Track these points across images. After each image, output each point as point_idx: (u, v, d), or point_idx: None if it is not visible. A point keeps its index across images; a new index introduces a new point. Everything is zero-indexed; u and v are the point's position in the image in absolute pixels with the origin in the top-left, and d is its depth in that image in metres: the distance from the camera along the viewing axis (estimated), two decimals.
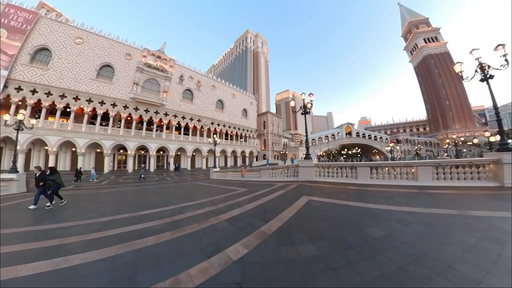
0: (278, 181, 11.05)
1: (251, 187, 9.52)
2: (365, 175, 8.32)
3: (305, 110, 10.77)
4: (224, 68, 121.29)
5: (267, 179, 12.42)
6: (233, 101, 47.89)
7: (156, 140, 32.29)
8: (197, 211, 5.21)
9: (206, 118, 40.00)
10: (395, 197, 5.56)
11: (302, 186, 8.31)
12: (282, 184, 9.12)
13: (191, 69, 39.39)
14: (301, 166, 10.37)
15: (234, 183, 12.79)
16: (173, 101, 35.01)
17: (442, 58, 74.54)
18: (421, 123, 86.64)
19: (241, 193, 7.92)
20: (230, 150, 44.49)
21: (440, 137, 65.89)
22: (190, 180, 19.46)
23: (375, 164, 8.33)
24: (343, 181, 8.77)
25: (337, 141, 64.44)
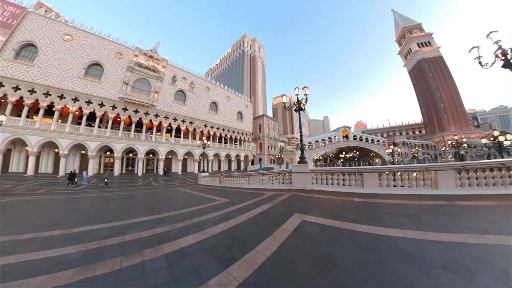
0: (268, 189, 9.70)
1: (235, 196, 8.27)
2: (373, 182, 6.81)
3: (299, 106, 9.46)
4: (221, 72, 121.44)
5: (256, 186, 11.00)
6: (227, 103, 47.04)
7: (145, 142, 31.00)
8: (143, 233, 4.00)
9: (199, 120, 38.86)
10: (421, 213, 4.10)
11: (295, 197, 6.93)
12: (272, 194, 7.80)
13: (184, 70, 38.56)
14: (294, 172, 8.95)
15: (217, 189, 11.86)
16: (164, 102, 33.96)
17: (436, 62, 75.56)
18: (417, 126, 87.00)
19: (217, 205, 6.63)
20: (224, 154, 43.27)
21: (437, 140, 65.91)
22: (176, 185, 18.35)
23: (384, 169, 6.84)
24: (345, 190, 7.27)
25: (334, 144, 63.87)
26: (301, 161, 8.95)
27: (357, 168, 7.30)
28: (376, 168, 7.06)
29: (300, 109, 9.57)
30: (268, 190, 9.05)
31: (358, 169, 7.24)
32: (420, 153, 60.61)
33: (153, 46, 35.18)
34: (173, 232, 3.97)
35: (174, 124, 34.80)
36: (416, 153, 56.96)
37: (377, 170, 6.92)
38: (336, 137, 67.04)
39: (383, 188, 6.69)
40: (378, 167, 7.08)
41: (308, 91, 9.38)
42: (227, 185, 13.43)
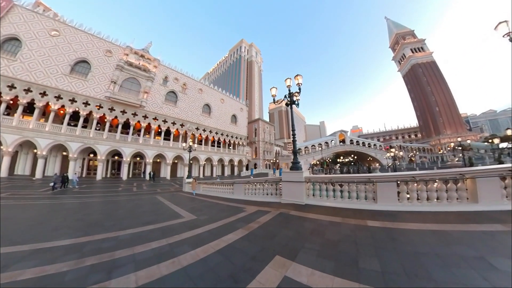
0: (253, 201, 7.94)
1: (207, 212, 6.63)
2: (390, 195, 5.12)
3: (290, 99, 7.78)
4: (218, 76, 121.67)
5: (240, 196, 9.18)
6: (221, 106, 46.05)
7: (132, 144, 29.50)
8: (27, 271, 2.66)
9: (191, 123, 37.56)
10: (484, 252, 2.55)
11: (284, 217, 5.05)
12: (254, 210, 6.07)
13: (177, 70, 37.66)
14: (285, 181, 7.03)
15: (195, 200, 10.28)
16: (154, 103, 32.79)
17: (429, 67, 76.67)
18: (413, 130, 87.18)
19: (175, 226, 4.96)
20: (216, 158, 41.76)
21: (433, 143, 65.73)
22: (157, 192, 16.90)
23: (405, 177, 5.12)
24: (353, 205, 5.51)
25: (331, 149, 63.05)
26: (294, 167, 6.98)
27: (369, 176, 5.44)
28: (394, 176, 5.24)
29: (292, 102, 7.83)
30: (252, 204, 7.33)
31: (370, 177, 5.38)
32: (417, 157, 59.99)
33: (145, 46, 34.37)
34: (64, 277, 2.55)
35: (164, 126, 33.48)
36: (413, 156, 56.32)
37: (395, 178, 5.19)
38: (332, 141, 66.37)
39: (403, 202, 5.03)
40: (396, 175, 5.27)
41: (301, 80, 7.68)
42: (210, 194, 12.00)
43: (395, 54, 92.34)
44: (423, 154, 64.54)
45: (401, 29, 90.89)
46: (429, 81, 73.29)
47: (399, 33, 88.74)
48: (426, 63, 76.94)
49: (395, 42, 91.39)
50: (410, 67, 79.98)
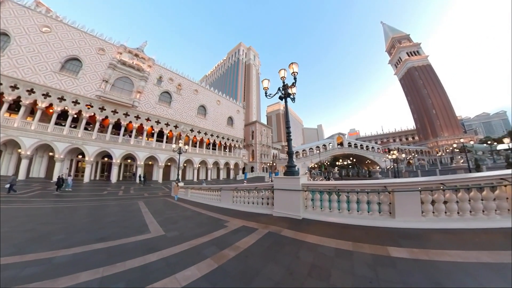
0: (242, 212, 6.76)
1: (182, 226, 5.47)
2: (412, 208, 3.97)
3: (285, 92, 6.57)
4: (216, 79, 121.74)
5: (227, 205, 7.97)
6: (217, 107, 45.33)
7: (122, 145, 28.40)
8: None
9: (185, 124, 36.64)
10: None
11: (272, 240, 3.75)
12: (238, 226, 4.90)
13: (172, 70, 37.01)
14: (277, 189, 5.79)
15: (177, 207, 9.19)
16: (147, 103, 31.95)
17: (425, 70, 77.28)
18: (410, 133, 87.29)
19: (128, 246, 3.86)
20: (211, 161, 40.70)
21: (430, 145, 65.60)
22: (143, 197, 15.92)
23: (431, 184, 4.14)
24: (364, 222, 4.28)
25: (329, 151, 62.34)
26: (289, 172, 5.80)
27: (384, 183, 4.28)
28: (416, 182, 4.15)
29: (286, 95, 6.58)
30: (239, 215, 6.19)
31: (386, 185, 4.21)
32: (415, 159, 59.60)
33: (140, 45, 33.75)
34: None
35: (157, 127, 32.53)
36: (411, 159, 55.89)
37: (417, 185, 4.07)
38: (330, 144, 65.76)
39: (428, 216, 3.87)
40: (419, 181, 4.19)
41: (297, 68, 6.41)
42: (198, 200, 11.01)
43: (391, 57, 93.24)
44: (421, 157, 64.24)
45: (396, 33, 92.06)
46: (425, 84, 73.75)
47: (395, 37, 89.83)
48: (422, 66, 77.61)
49: (391, 46, 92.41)
50: (406, 70, 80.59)
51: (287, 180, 5.68)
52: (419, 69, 77.18)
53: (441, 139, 62.98)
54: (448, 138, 61.76)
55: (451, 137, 62.24)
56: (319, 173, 60.55)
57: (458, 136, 62.51)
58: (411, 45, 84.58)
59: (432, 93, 71.10)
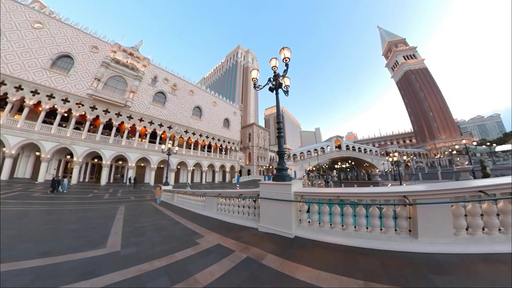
0: (225, 222, 5.87)
1: (146, 239, 4.64)
2: (440, 225, 2.93)
3: (276, 82, 5.54)
4: (214, 81, 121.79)
5: (211, 214, 6.97)
6: (213, 109, 44.71)
7: (113, 146, 27.47)
8: None
9: (179, 125, 35.81)
10: None
11: (248, 274, 2.70)
12: (211, 245, 3.94)
13: (167, 70, 36.50)
14: (263, 197, 4.69)
15: (156, 214, 8.45)
16: (140, 103, 31.23)
17: (422, 73, 77.81)
18: (407, 135, 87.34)
19: (53, 269, 2.94)
20: (206, 164, 39.79)
21: (428, 148, 65.45)
22: (130, 200, 15.08)
23: (465, 192, 2.99)
24: (377, 244, 3.21)
25: (327, 154, 61.88)
26: (279, 176, 4.73)
27: (403, 191, 3.23)
28: (447, 190, 3.00)
29: (278, 86, 5.55)
30: (219, 228, 5.23)
31: (406, 193, 3.17)
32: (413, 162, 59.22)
33: (135, 44, 33.30)
34: None
35: (150, 128, 31.70)
36: (409, 162, 55.49)
37: (448, 194, 2.99)
38: (328, 147, 65.39)
39: (460, 235, 2.91)
40: (452, 189, 3.03)
41: (288, 53, 5.40)
42: (182, 205, 10.22)
43: (388, 61, 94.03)
44: (419, 159, 63.94)
45: (393, 37, 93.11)
46: (422, 87, 74.10)
47: (392, 41, 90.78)
48: (418, 69, 78.16)
49: (388, 50, 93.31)
50: (403, 74, 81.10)
51: (276, 187, 4.50)
52: (416, 72, 77.70)
53: (438, 142, 62.88)
54: (445, 141, 61.68)
55: (448, 139, 62.18)
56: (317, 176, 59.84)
57: (455, 138, 62.47)
58: (407, 48, 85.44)
59: (429, 95, 71.40)
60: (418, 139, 77.02)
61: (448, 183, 3.60)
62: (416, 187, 3.52)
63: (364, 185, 25.02)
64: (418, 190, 3.20)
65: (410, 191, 3.21)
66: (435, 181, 24.43)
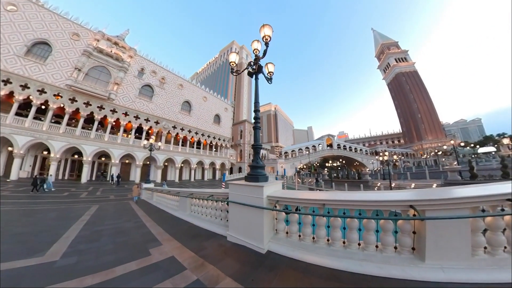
0: (196, 226, 5.22)
1: (96, 246, 4.01)
2: (454, 244, 2.20)
3: (256, 65, 4.84)
4: (207, 76, 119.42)
5: (184, 216, 6.28)
6: (203, 104, 43.49)
7: (95, 142, 25.96)
8: None
9: (167, 121, 34.47)
10: None
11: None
12: (166, 257, 3.37)
13: (155, 63, 34.91)
14: (232, 201, 3.95)
15: (125, 215, 7.71)
16: (125, 96, 29.69)
17: (412, 76, 79.58)
18: (396, 136, 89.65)
19: None
20: (195, 161, 38.75)
21: (415, 148, 67.47)
22: (108, 199, 14.17)
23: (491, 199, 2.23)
24: (370, 269, 2.44)
25: (318, 153, 62.36)
26: (251, 176, 3.94)
27: (409, 200, 2.44)
28: (463, 198, 2.21)
29: (258, 70, 4.89)
30: (182, 236, 4.53)
31: (413, 203, 2.36)
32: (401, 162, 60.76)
33: (121, 33, 31.47)
34: None
35: (135, 123, 30.27)
36: (397, 161, 56.81)
37: (463, 201, 2.21)
38: (320, 145, 65.91)
39: (478, 256, 2.25)
40: (469, 196, 2.23)
41: (269, 31, 4.62)
42: (159, 205, 9.53)
43: (380, 63, 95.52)
44: (406, 159, 65.75)
45: (386, 40, 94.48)
46: (412, 89, 75.93)
47: (385, 43, 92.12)
48: (409, 72, 79.92)
49: (381, 52, 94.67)
50: (394, 76, 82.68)
51: (246, 189, 3.75)
52: (406, 74, 79.41)
53: (425, 142, 64.91)
54: (431, 142, 63.73)
55: (434, 141, 64.28)
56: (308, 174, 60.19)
57: (441, 139, 64.68)
58: (399, 51, 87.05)
59: (418, 98, 73.29)
60: (406, 140, 79.18)
61: (464, 189, 2.68)
62: (425, 193, 2.74)
63: (355, 184, 25.08)
64: (429, 198, 2.33)
65: (419, 199, 2.38)
66: (423, 180, 24.80)
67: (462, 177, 19.74)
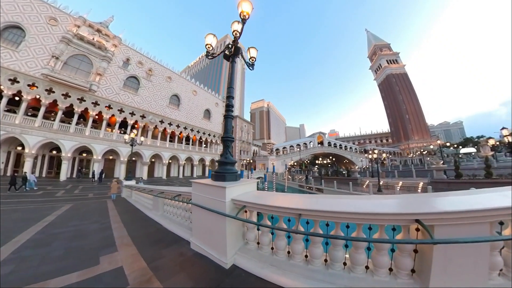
0: (165, 229, 4.74)
1: (42, 253, 3.49)
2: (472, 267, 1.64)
3: (234, 47, 4.23)
4: (199, 70, 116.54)
5: (156, 216, 5.82)
6: (193, 98, 42.15)
7: (75, 136, 24.37)
8: None
9: (154, 115, 33.01)
10: None
11: None
12: (114, 267, 2.87)
13: (142, 53, 33.15)
14: (195, 203, 3.30)
15: (97, 215, 7.14)
16: (109, 88, 28.06)
17: (402, 78, 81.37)
18: (384, 135, 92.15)
19: None
20: (184, 157, 37.59)
21: (402, 147, 69.74)
22: (86, 197, 13.39)
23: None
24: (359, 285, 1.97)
25: (309, 150, 62.89)
26: (218, 173, 3.28)
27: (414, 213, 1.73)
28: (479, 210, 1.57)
29: (235, 52, 4.28)
30: (145, 241, 4.11)
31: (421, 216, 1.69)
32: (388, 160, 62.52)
33: (105, 19, 29.51)
34: None
35: (120, 117, 28.72)
36: (385, 160, 58.38)
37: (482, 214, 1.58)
38: (311, 143, 66.41)
39: (495, 279, 1.78)
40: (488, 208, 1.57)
41: (248, 7, 3.89)
42: (136, 205, 8.88)
43: (372, 64, 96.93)
44: (393, 158, 67.79)
45: (379, 41, 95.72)
46: (401, 90, 77.78)
47: (377, 44, 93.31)
48: (399, 74, 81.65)
49: (373, 53, 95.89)
50: (385, 77, 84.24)
51: (208, 189, 3.16)
52: (397, 76, 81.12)
53: (412, 142, 67.17)
54: (418, 142, 66.05)
55: (420, 141, 66.62)
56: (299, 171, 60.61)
57: (426, 140, 67.16)
58: (391, 53, 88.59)
59: (407, 99, 75.25)
60: (394, 139, 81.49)
61: (480, 196, 2.12)
62: (432, 201, 2.05)
63: (344, 181, 25.29)
64: (441, 210, 1.67)
65: (427, 212, 1.69)
66: (410, 178, 25.21)
67: (447, 176, 20.16)
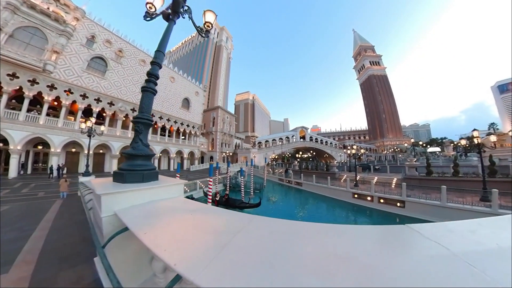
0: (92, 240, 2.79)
1: None
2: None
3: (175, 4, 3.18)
4: (181, 56, 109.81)
5: None
6: (170, 85, 39.15)
7: (26, 126, 20.88)
8: None
9: (124, 102, 29.81)
10: None
11: None
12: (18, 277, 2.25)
13: (111, 30, 29.31)
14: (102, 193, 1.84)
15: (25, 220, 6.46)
16: (68, 69, 24.51)
17: (382, 80, 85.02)
18: (362, 132, 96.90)
19: None
20: (159, 149, 35.13)
21: (378, 144, 74.00)
22: (35, 197, 11.37)
23: None
24: None
25: (291, 144, 63.52)
26: (123, 169, 2.31)
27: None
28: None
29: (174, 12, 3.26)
30: (54, 258, 3.26)
31: None
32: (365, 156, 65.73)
33: None
34: None
35: (82, 103, 25.37)
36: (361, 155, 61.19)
37: None
38: (293, 137, 67.08)
39: None
40: None
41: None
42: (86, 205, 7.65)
43: (356, 63, 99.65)
44: (369, 154, 71.65)
45: (364, 42, 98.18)
46: (380, 91, 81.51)
47: (363, 45, 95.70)
48: (380, 75, 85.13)
49: (358, 53, 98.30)
50: (367, 77, 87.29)
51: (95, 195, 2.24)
52: (377, 77, 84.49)
53: (386, 140, 71.46)
54: (392, 140, 70.42)
55: (394, 139, 71.07)
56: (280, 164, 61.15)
57: (399, 138, 71.97)
58: (374, 55, 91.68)
59: (384, 99, 79.15)
60: (370, 137, 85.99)
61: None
62: None
63: (322, 175, 25.55)
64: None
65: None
66: (384, 174, 26.00)
67: (418, 173, 21.25)
